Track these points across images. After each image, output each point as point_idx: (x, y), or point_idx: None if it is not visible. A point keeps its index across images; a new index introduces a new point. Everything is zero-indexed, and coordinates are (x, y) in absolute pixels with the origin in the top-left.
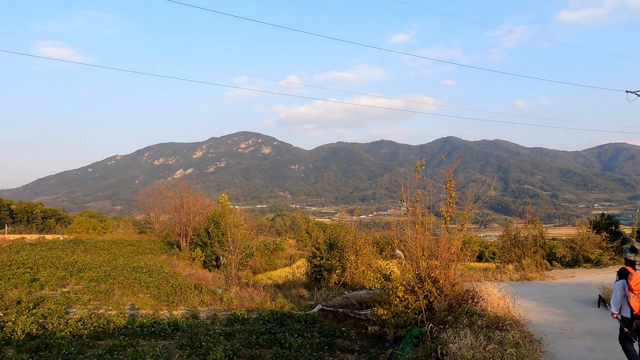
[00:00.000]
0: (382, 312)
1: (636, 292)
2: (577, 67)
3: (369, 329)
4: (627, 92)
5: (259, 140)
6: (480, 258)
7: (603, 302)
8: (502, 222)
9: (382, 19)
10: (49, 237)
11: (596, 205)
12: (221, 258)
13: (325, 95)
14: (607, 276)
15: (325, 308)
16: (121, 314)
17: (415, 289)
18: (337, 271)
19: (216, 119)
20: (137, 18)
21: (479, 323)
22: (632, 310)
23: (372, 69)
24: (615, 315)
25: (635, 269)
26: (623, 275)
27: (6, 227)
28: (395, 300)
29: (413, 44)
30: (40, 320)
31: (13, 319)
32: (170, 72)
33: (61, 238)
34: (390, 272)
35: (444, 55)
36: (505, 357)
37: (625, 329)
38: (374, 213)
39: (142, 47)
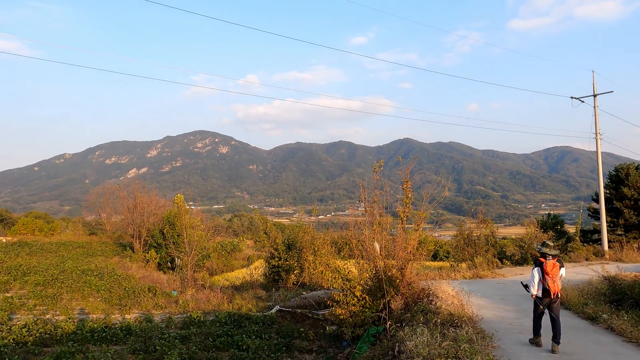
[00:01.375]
0: (340, 312)
1: (551, 275)
2: (527, 73)
3: (327, 328)
4: (572, 98)
5: (216, 140)
6: (435, 257)
7: (525, 287)
8: (455, 222)
9: (342, 22)
10: None
11: (543, 205)
12: (176, 260)
13: (284, 95)
14: None
15: (284, 309)
16: (70, 319)
17: (373, 288)
18: (295, 272)
19: (172, 117)
20: (87, 11)
21: (435, 320)
22: (547, 290)
23: (331, 70)
24: (534, 296)
25: (546, 259)
26: (538, 264)
27: None
28: (353, 299)
29: (372, 46)
30: None
31: None
32: (123, 68)
33: (4, 240)
34: (348, 272)
35: (402, 59)
36: (459, 353)
37: (541, 306)
38: (332, 213)
39: (93, 41)
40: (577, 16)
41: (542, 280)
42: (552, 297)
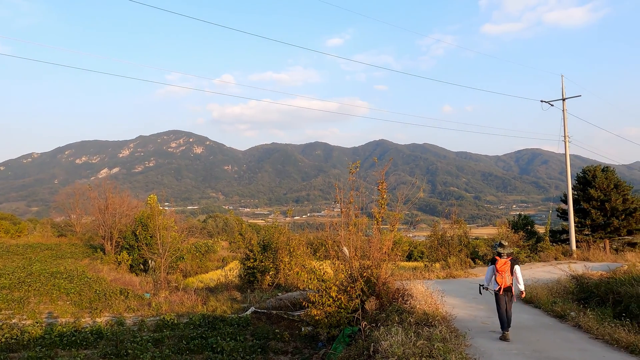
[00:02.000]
0: (315, 313)
1: (500, 272)
2: (499, 76)
3: (303, 329)
4: (542, 101)
5: (191, 140)
6: (409, 257)
7: (485, 289)
8: (430, 223)
9: (318, 23)
10: None
11: (514, 206)
12: (149, 261)
13: (260, 95)
14: (523, 273)
15: (259, 310)
16: (37, 323)
17: (348, 288)
18: (270, 273)
19: (145, 117)
20: (58, 7)
21: (409, 320)
22: (498, 284)
23: (308, 71)
24: (487, 288)
25: (500, 258)
26: (493, 261)
27: None
28: (329, 300)
29: (348, 48)
30: None
31: None
32: (94, 66)
33: None
34: (323, 273)
35: (377, 61)
36: (433, 352)
37: (488, 290)
38: (308, 214)
39: (64, 38)
40: (547, 22)
41: (493, 275)
42: (501, 291)
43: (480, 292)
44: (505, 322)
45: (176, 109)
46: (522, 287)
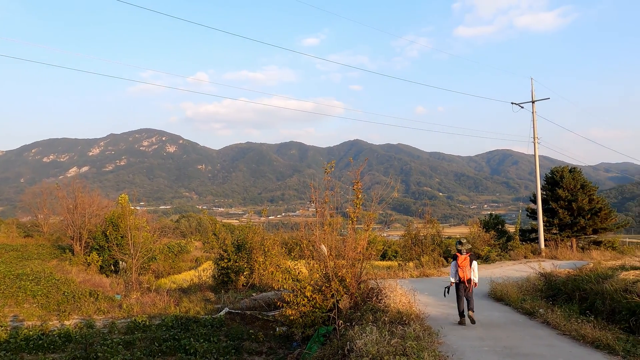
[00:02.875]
0: (290, 313)
1: (461, 266)
2: (472, 78)
3: (277, 330)
4: (512, 103)
5: (164, 138)
6: (383, 257)
7: (448, 291)
8: (403, 222)
9: (294, 22)
10: None
11: (486, 206)
12: (120, 262)
13: (235, 94)
14: (494, 271)
15: (233, 311)
16: (2, 327)
17: (323, 288)
18: (245, 273)
19: (116, 115)
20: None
21: (383, 319)
22: (459, 278)
23: (283, 70)
24: (452, 283)
25: (461, 254)
26: (454, 258)
27: None
28: (304, 300)
29: (323, 48)
30: None
31: None
32: (63, 62)
33: None
34: (298, 273)
35: (352, 61)
36: (407, 350)
37: (452, 285)
38: (283, 214)
39: (28, 31)
40: (518, 26)
41: (456, 269)
42: (465, 282)
43: (445, 295)
44: (462, 310)
45: (149, 107)
46: (476, 280)
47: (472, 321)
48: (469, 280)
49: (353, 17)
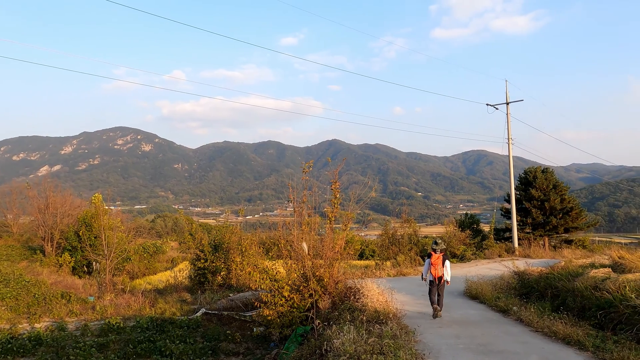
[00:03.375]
0: (267, 313)
1: (434, 264)
2: (448, 80)
3: (255, 330)
4: (487, 105)
5: (139, 137)
6: (361, 256)
7: (423, 279)
8: (381, 222)
9: (272, 21)
10: None
11: (461, 205)
12: (94, 263)
13: (212, 92)
14: (470, 270)
15: (210, 311)
16: None
17: (301, 288)
18: (222, 273)
19: (90, 112)
20: None
21: (361, 318)
22: (432, 276)
23: (261, 69)
24: (424, 279)
25: (435, 253)
26: (429, 256)
27: None
28: (281, 300)
29: (302, 47)
30: None
31: None
32: (34, 57)
33: None
34: (276, 273)
35: (331, 61)
36: (384, 348)
37: (428, 283)
38: (261, 214)
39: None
40: (493, 29)
41: (429, 267)
42: (436, 280)
43: (422, 279)
44: (434, 301)
45: (123, 105)
46: (448, 278)
47: (436, 316)
48: (440, 278)
49: (332, 18)
